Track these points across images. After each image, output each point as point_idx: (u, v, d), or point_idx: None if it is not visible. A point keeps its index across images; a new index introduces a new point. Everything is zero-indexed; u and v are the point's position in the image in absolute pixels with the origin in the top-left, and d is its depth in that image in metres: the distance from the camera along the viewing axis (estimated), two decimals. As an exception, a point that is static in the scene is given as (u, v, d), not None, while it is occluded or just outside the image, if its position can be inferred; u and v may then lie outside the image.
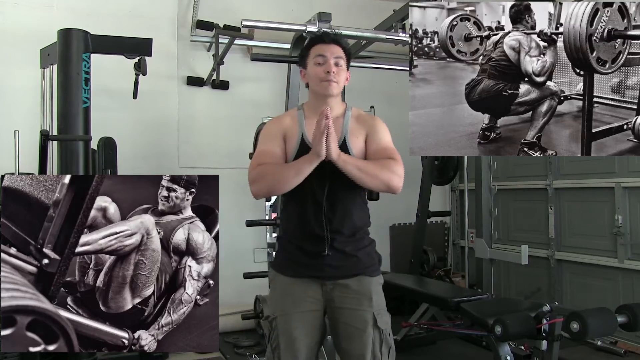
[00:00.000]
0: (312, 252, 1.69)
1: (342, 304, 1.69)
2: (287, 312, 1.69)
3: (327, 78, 1.70)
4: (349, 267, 1.71)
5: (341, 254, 1.69)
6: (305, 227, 1.70)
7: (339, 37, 1.77)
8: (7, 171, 2.62)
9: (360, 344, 1.65)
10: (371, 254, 1.77)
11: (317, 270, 1.69)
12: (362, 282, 1.71)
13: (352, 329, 1.67)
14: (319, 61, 1.72)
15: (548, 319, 2.19)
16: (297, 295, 1.70)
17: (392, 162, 1.65)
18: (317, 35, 1.80)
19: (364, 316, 1.67)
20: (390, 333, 1.71)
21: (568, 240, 3.86)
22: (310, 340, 1.69)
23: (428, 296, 3.17)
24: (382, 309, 1.72)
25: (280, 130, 1.74)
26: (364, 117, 1.80)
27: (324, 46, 1.73)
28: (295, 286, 1.71)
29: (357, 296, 1.68)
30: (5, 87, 3.63)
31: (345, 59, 1.76)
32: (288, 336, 1.67)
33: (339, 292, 1.69)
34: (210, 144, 4.23)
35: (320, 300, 1.71)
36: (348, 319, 1.68)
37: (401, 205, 4.58)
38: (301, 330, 1.67)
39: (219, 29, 3.96)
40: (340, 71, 1.73)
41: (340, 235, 1.69)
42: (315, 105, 1.75)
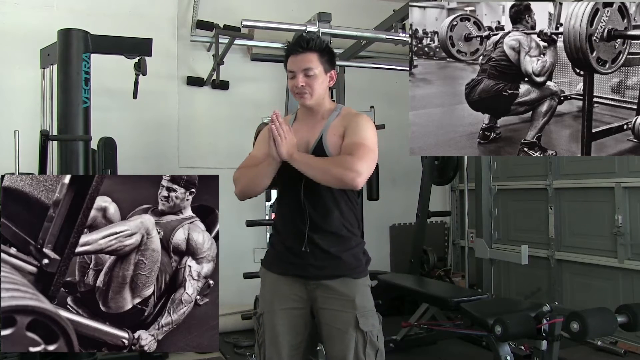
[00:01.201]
0: (295, 251, 1.71)
1: (325, 305, 1.70)
2: (272, 309, 1.72)
3: (298, 91, 1.73)
4: (333, 268, 1.70)
5: (325, 255, 1.69)
6: (290, 224, 1.73)
7: (310, 41, 1.71)
8: (7, 171, 2.62)
9: (342, 345, 1.65)
10: (357, 255, 1.75)
11: (301, 270, 1.71)
12: (345, 284, 1.69)
13: (334, 331, 1.67)
14: (290, 76, 1.75)
15: (548, 319, 2.19)
16: (283, 292, 1.72)
17: (348, 158, 1.60)
18: (289, 46, 1.77)
19: (345, 318, 1.66)
20: (378, 335, 1.69)
21: (568, 240, 3.86)
22: (293, 337, 1.71)
23: (428, 296, 3.17)
24: (368, 310, 1.69)
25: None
26: (350, 114, 1.77)
27: (293, 59, 1.73)
28: (281, 284, 1.73)
29: (339, 298, 1.68)
30: (5, 87, 3.63)
31: (321, 61, 1.72)
32: (273, 332, 1.70)
33: (322, 292, 1.70)
34: (210, 144, 4.23)
35: (305, 299, 1.72)
36: (330, 320, 1.69)
37: (401, 205, 4.59)
38: (284, 328, 1.70)
39: (219, 29, 3.96)
40: (311, 80, 1.71)
41: (322, 233, 1.69)
42: (302, 110, 1.82)
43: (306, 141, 1.74)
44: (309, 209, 1.69)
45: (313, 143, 1.73)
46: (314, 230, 1.69)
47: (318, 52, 1.72)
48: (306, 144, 1.74)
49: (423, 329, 3.39)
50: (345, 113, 1.78)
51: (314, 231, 1.69)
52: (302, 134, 1.75)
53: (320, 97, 1.75)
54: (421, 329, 3.38)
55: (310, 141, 1.74)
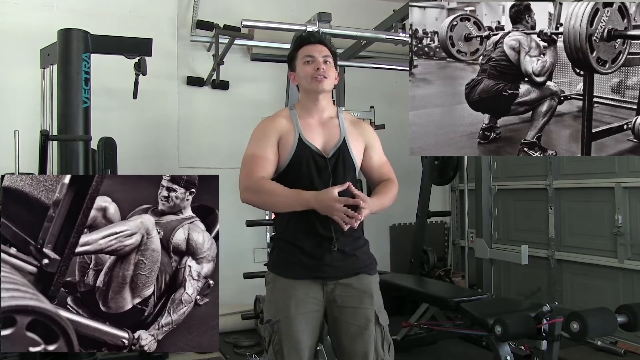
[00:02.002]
0: (313, 253, 1.69)
1: (345, 303, 1.70)
2: (289, 315, 1.67)
3: (318, 74, 1.72)
4: (349, 266, 1.72)
5: (341, 254, 1.70)
6: (309, 228, 1.69)
7: (325, 38, 1.83)
8: (7, 171, 2.62)
9: (363, 342, 1.66)
10: (368, 253, 1.81)
11: (318, 271, 1.69)
12: (362, 280, 1.73)
13: (355, 327, 1.68)
14: (308, 60, 1.74)
15: (548, 319, 2.19)
16: (300, 297, 1.68)
17: (394, 186, 1.79)
18: (303, 37, 1.82)
19: (366, 314, 1.68)
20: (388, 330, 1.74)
21: (568, 240, 3.86)
22: (313, 341, 1.70)
23: (428, 296, 3.17)
24: (382, 306, 1.75)
25: (276, 131, 1.73)
26: (358, 122, 1.85)
27: (311, 47, 1.76)
28: (297, 288, 1.69)
29: (358, 294, 1.70)
30: (5, 87, 3.63)
31: (332, 58, 1.79)
32: (292, 339, 1.65)
33: (341, 291, 1.70)
34: (210, 144, 4.23)
35: (322, 301, 1.71)
36: (351, 318, 1.69)
37: (401, 205, 4.54)
38: (305, 333, 1.67)
39: (219, 29, 3.96)
40: (329, 68, 1.75)
41: (342, 235, 1.69)
42: (307, 105, 1.78)
43: (324, 140, 1.74)
44: None
45: (335, 144, 1.73)
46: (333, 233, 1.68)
47: (329, 49, 1.79)
48: (325, 142, 1.73)
49: (423, 329, 3.39)
50: (350, 118, 1.84)
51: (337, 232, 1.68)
52: (316, 131, 1.75)
53: (331, 88, 1.79)
54: (421, 329, 3.38)
55: (330, 141, 1.74)
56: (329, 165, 1.69)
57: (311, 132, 1.73)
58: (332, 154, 1.71)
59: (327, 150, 1.72)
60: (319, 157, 1.70)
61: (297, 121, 1.75)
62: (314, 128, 1.75)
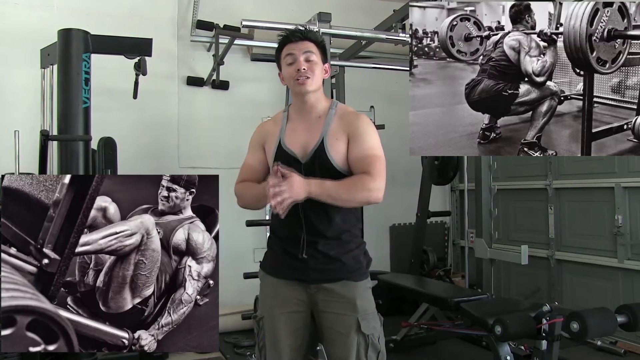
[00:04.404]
0: (294, 255, 1.68)
1: (326, 308, 1.68)
2: (273, 313, 1.69)
3: (299, 76, 1.66)
4: (333, 271, 1.68)
5: (325, 258, 1.67)
6: (289, 229, 1.69)
7: (308, 32, 1.71)
8: (7, 171, 2.63)
9: (344, 348, 1.64)
10: (358, 258, 1.72)
11: (301, 274, 1.68)
12: (346, 287, 1.67)
13: (335, 333, 1.66)
14: (289, 61, 1.69)
15: (548, 319, 2.19)
16: (283, 296, 1.69)
17: (367, 179, 1.57)
18: (284, 35, 1.74)
19: (347, 321, 1.64)
20: (379, 337, 1.68)
21: (568, 240, 3.86)
22: (294, 341, 1.69)
23: (428, 296, 3.17)
24: (369, 313, 1.68)
25: (262, 138, 1.77)
26: (349, 115, 1.72)
27: (292, 45, 1.69)
28: (282, 287, 1.70)
29: (340, 301, 1.66)
30: (5, 87, 3.63)
31: (318, 52, 1.71)
32: (273, 336, 1.68)
33: (324, 296, 1.68)
34: (210, 144, 4.23)
35: (306, 303, 1.70)
36: (331, 324, 1.67)
37: (401, 205, 4.58)
38: (285, 331, 1.68)
39: (219, 29, 3.96)
40: (312, 65, 1.68)
41: (323, 239, 1.66)
42: (298, 106, 1.74)
43: (304, 143, 1.68)
44: (310, 215, 1.65)
45: (313, 146, 1.66)
46: (314, 236, 1.66)
47: (314, 43, 1.71)
48: (304, 146, 1.68)
49: (423, 329, 3.39)
50: (342, 112, 1.72)
51: (315, 237, 1.66)
52: (299, 134, 1.70)
53: (318, 86, 1.71)
54: (421, 329, 3.38)
55: (309, 144, 1.68)
56: (302, 170, 1.61)
57: (294, 136, 1.70)
58: (309, 157, 1.67)
59: (305, 154, 1.68)
60: (294, 162, 1.65)
61: (284, 125, 1.73)
62: (298, 132, 1.71)
